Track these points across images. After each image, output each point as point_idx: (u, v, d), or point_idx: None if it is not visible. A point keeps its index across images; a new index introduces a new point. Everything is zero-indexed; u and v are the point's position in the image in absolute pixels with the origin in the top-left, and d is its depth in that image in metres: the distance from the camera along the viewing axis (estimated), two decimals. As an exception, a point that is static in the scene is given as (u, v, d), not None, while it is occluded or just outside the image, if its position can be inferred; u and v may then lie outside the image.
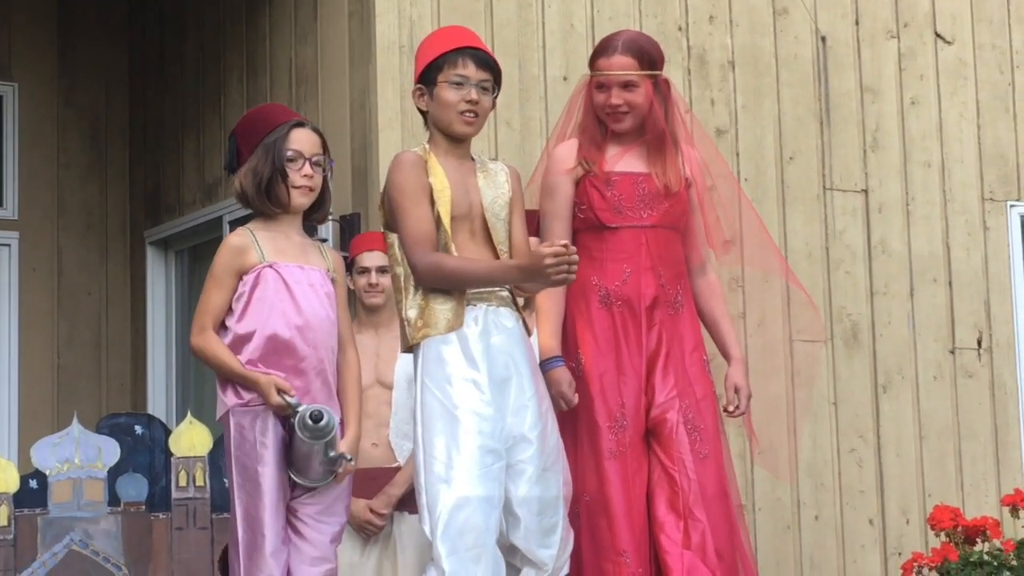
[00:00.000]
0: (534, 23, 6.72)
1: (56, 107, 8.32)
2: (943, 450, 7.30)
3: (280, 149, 4.62)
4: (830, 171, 7.24)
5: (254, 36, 7.33)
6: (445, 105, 4.57)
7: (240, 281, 4.60)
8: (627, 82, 4.93)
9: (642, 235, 4.91)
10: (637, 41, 5.02)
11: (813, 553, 6.98)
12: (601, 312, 4.89)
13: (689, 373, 4.91)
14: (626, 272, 4.88)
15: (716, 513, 4.82)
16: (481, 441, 4.43)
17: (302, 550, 4.57)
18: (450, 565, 4.35)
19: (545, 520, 4.54)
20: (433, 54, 4.64)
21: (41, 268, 8.21)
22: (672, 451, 4.83)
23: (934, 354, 7.35)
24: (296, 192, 4.64)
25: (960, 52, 7.60)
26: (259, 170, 4.62)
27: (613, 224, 4.91)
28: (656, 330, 4.89)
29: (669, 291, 4.93)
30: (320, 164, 4.68)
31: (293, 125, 4.67)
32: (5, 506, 5.71)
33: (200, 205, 7.72)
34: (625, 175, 4.93)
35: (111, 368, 8.26)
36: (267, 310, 4.57)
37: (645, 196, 4.92)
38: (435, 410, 4.47)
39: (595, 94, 4.98)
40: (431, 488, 4.42)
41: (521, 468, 4.51)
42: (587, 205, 4.92)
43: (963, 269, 7.45)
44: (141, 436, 5.94)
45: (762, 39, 7.17)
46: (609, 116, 4.95)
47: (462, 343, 4.50)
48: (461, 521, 4.37)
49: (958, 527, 5.92)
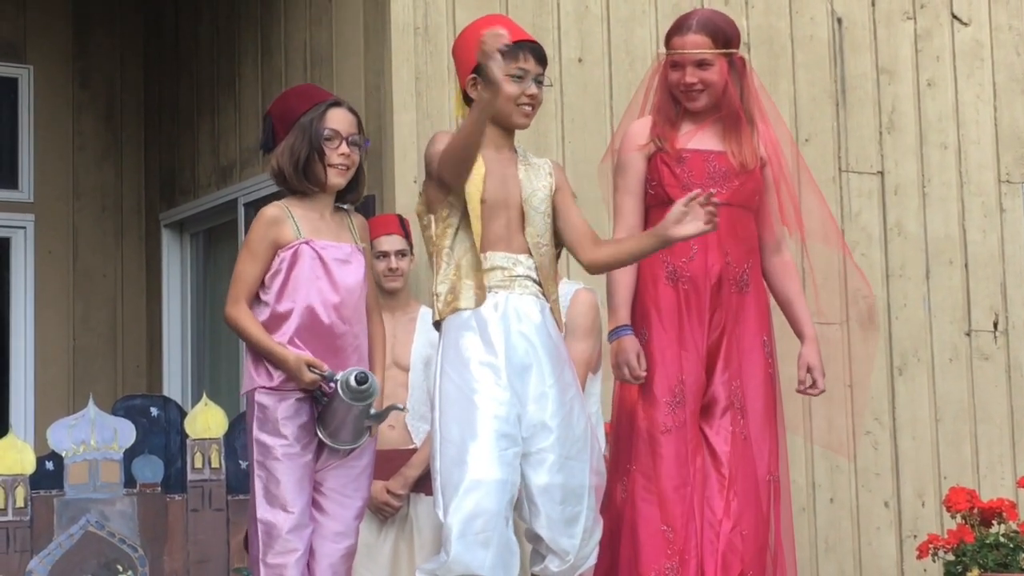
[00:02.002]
0: (549, 4, 6.71)
1: (71, 89, 8.33)
2: (959, 432, 7.29)
3: (317, 128, 4.64)
4: (846, 153, 7.23)
5: (269, 18, 7.32)
6: (507, 97, 4.57)
7: (276, 257, 4.61)
8: (701, 60, 4.93)
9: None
10: (712, 19, 5.04)
11: (828, 535, 6.98)
12: (667, 289, 4.90)
13: (747, 354, 4.92)
14: (693, 249, 4.88)
15: (748, 494, 4.82)
16: (496, 426, 4.43)
17: (325, 525, 4.59)
18: (457, 547, 4.35)
19: (568, 509, 4.53)
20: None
21: (57, 250, 8.22)
22: (713, 431, 4.85)
23: (950, 336, 7.33)
24: (333, 171, 4.66)
25: (976, 33, 7.58)
26: (296, 149, 4.64)
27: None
28: (722, 309, 4.90)
29: (736, 269, 4.93)
30: (356, 143, 4.70)
31: (330, 104, 4.69)
32: (22, 487, 5.73)
33: (215, 187, 7.72)
34: (696, 152, 4.93)
35: (127, 350, 8.28)
36: (304, 288, 4.59)
37: (715, 174, 4.93)
38: (451, 394, 4.49)
39: (670, 73, 4.99)
40: (445, 471, 4.43)
41: (542, 456, 4.51)
42: (657, 181, 4.94)
43: (979, 251, 7.43)
44: (157, 418, 5.95)
45: (778, 20, 7.15)
46: (684, 94, 4.96)
47: (481, 329, 4.52)
48: (472, 504, 4.38)
49: (974, 509, 5.92)
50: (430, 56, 6.39)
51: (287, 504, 4.51)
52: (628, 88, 6.41)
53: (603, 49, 6.79)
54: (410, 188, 6.15)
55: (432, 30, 6.40)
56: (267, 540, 4.51)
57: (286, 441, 4.54)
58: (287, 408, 4.56)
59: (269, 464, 4.54)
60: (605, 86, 6.75)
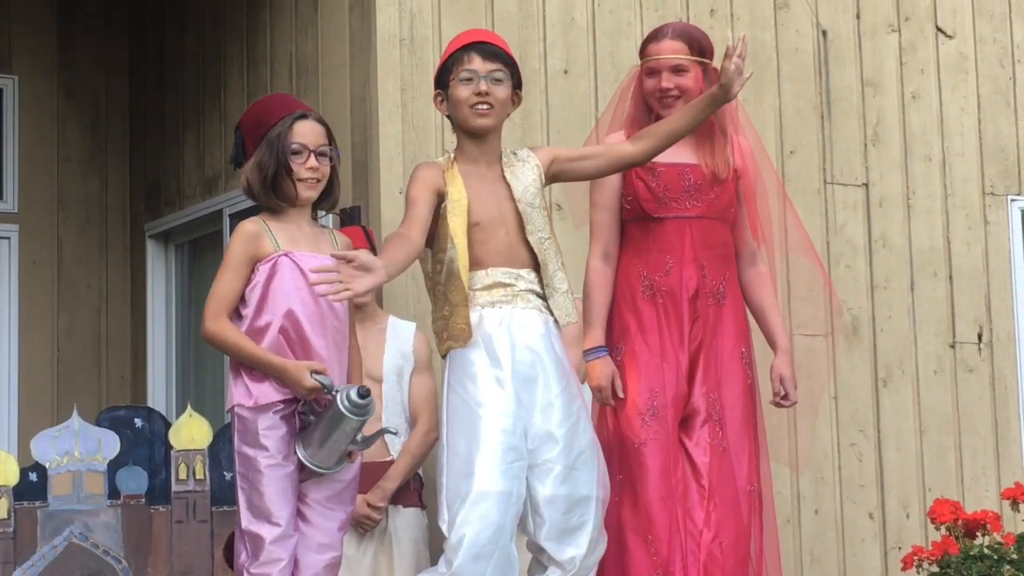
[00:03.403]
0: (535, 16, 6.71)
1: (56, 100, 8.31)
2: (943, 444, 7.30)
3: (284, 143, 4.62)
4: (831, 165, 7.24)
5: (255, 28, 7.32)
6: (458, 102, 4.62)
7: (255, 270, 4.59)
8: (677, 66, 4.96)
9: (686, 226, 4.93)
10: (687, 29, 5.13)
11: (813, 547, 6.98)
12: (645, 303, 4.91)
13: (725, 365, 4.92)
14: (669, 263, 4.90)
15: (728, 505, 4.83)
16: (502, 438, 4.46)
17: (309, 536, 4.59)
18: (461, 559, 4.37)
19: (573, 519, 4.54)
20: (443, 58, 4.71)
21: (41, 261, 8.20)
22: (692, 442, 4.85)
23: (934, 348, 7.34)
24: (302, 185, 4.65)
25: (961, 46, 7.60)
26: (264, 165, 4.63)
27: (657, 215, 4.93)
28: (700, 322, 4.90)
29: (712, 282, 4.93)
30: (326, 154, 4.69)
31: (296, 117, 4.67)
32: (5, 499, 5.71)
33: (200, 198, 7.71)
34: (671, 166, 4.94)
35: (111, 361, 8.26)
36: (283, 300, 4.57)
37: (691, 187, 4.94)
38: (458, 408, 4.52)
39: (645, 81, 5.01)
40: (452, 484, 4.45)
41: (548, 467, 4.53)
42: (632, 196, 4.94)
43: (964, 263, 7.45)
44: (141, 429, 5.93)
45: (763, 33, 7.17)
46: (659, 101, 4.98)
47: (486, 343, 4.55)
48: (478, 517, 4.39)
49: (958, 521, 5.92)
50: (416, 67, 6.39)
51: (271, 515, 4.51)
52: (614, 100, 6.42)
53: (589, 61, 6.80)
54: (396, 199, 6.14)
55: (418, 41, 6.40)
56: (252, 551, 4.51)
57: (267, 452, 4.53)
58: (267, 420, 4.55)
59: (252, 476, 4.54)
60: (591, 98, 6.76)
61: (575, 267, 6.19)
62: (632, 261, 4.90)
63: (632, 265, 4.90)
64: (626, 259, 4.87)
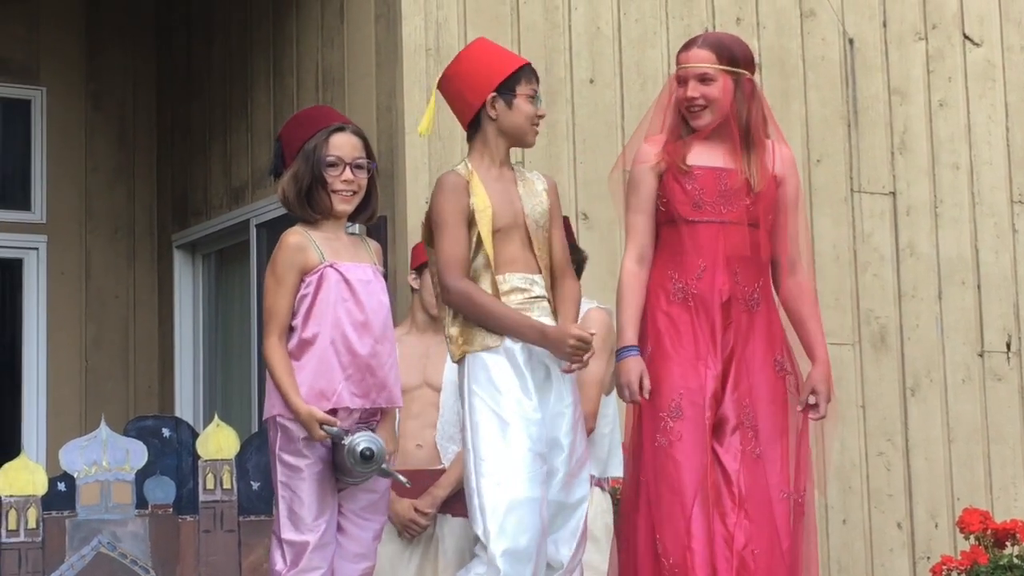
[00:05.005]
0: (561, 26, 6.71)
1: (84, 111, 8.35)
2: (972, 453, 7.27)
3: (319, 156, 4.65)
4: (858, 174, 7.22)
5: (281, 39, 7.34)
6: (523, 114, 4.74)
7: (302, 282, 4.62)
8: (703, 75, 4.93)
9: (720, 231, 4.90)
10: (720, 38, 5.06)
11: (841, 556, 6.96)
12: (677, 307, 4.90)
13: (757, 373, 4.91)
14: (701, 267, 4.88)
15: (760, 513, 4.81)
16: (530, 445, 4.57)
17: (344, 546, 4.65)
18: (504, 565, 4.48)
19: (567, 521, 4.70)
20: (511, 67, 4.76)
21: (69, 271, 8.23)
22: (723, 448, 4.85)
23: (963, 357, 7.32)
24: (337, 197, 4.68)
25: (988, 54, 7.57)
26: (300, 177, 4.67)
27: (692, 218, 4.91)
28: (732, 328, 4.89)
29: (745, 288, 4.91)
30: (363, 167, 4.71)
31: (333, 130, 4.70)
32: (34, 508, 5.73)
33: (227, 208, 7.73)
34: (708, 169, 4.92)
35: (139, 371, 8.28)
36: (332, 311, 4.61)
37: (726, 191, 4.91)
38: (485, 416, 4.59)
39: (676, 90, 5.00)
40: (484, 491, 4.54)
41: (553, 472, 4.66)
42: (667, 199, 4.93)
43: (992, 272, 7.42)
44: (169, 439, 5.95)
45: (789, 41, 7.16)
46: (687, 111, 4.96)
47: (507, 352, 4.62)
48: (515, 523, 4.51)
49: (987, 530, 5.91)
50: (442, 77, 6.39)
51: (311, 524, 4.57)
52: (639, 109, 6.41)
53: (615, 70, 6.80)
54: (422, 209, 6.15)
55: (444, 51, 6.41)
56: (292, 559, 4.57)
57: (310, 460, 4.59)
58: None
59: (294, 484, 4.58)
60: (617, 107, 6.76)
61: (601, 275, 6.20)
62: (665, 264, 4.89)
63: (665, 268, 4.90)
64: (660, 262, 4.86)
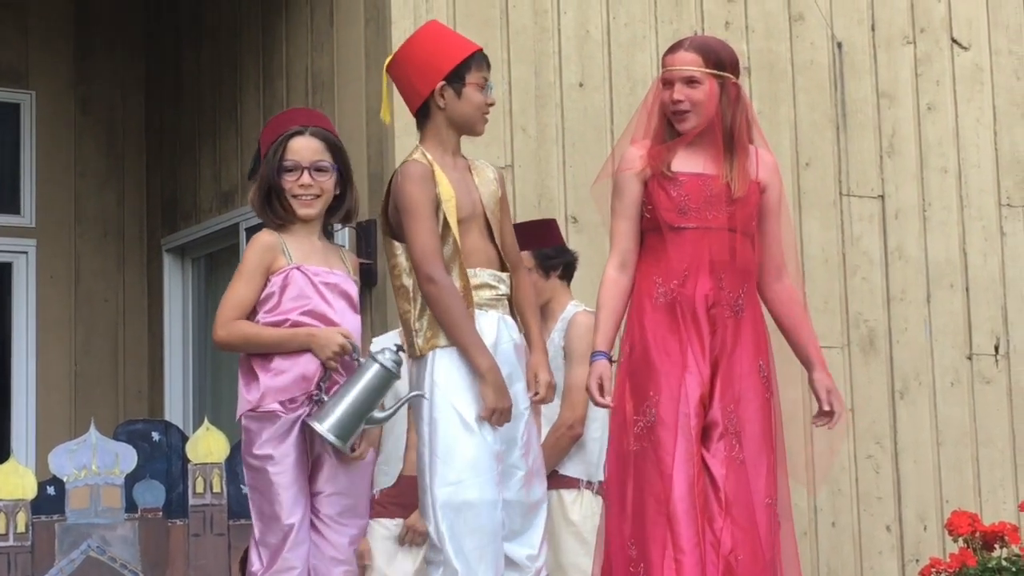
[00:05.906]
0: (550, 30, 6.72)
1: (73, 115, 8.34)
2: (960, 456, 7.28)
3: (276, 161, 4.64)
4: (846, 177, 7.24)
5: (270, 43, 7.34)
6: (472, 104, 4.64)
7: (268, 281, 4.62)
8: (689, 78, 4.91)
9: (704, 236, 4.90)
10: (705, 41, 5.05)
11: (830, 559, 6.97)
12: (662, 312, 4.89)
13: (743, 379, 4.90)
14: (685, 273, 4.88)
15: (745, 518, 4.81)
16: (488, 446, 4.50)
17: (322, 549, 4.65)
18: (460, 565, 4.42)
19: (529, 521, 4.64)
20: (461, 54, 4.68)
21: (58, 275, 8.23)
22: (710, 454, 4.85)
23: (951, 360, 7.33)
24: (296, 202, 4.66)
25: (976, 57, 7.59)
26: (262, 183, 4.67)
27: (677, 225, 4.90)
28: (718, 333, 4.89)
29: (730, 294, 4.90)
30: (324, 170, 4.68)
31: (291, 134, 4.68)
32: (23, 513, 5.72)
33: (216, 212, 7.73)
34: (693, 176, 4.92)
35: (128, 375, 8.28)
36: (298, 306, 4.62)
37: (711, 197, 4.91)
38: (446, 413, 4.51)
39: (662, 93, 4.99)
40: (438, 490, 4.47)
41: (511, 471, 4.60)
42: (653, 206, 4.92)
43: (980, 275, 7.44)
44: (158, 443, 5.95)
45: (778, 45, 7.17)
46: (672, 114, 4.95)
47: None
48: (470, 522, 4.45)
49: (976, 533, 5.92)
50: (431, 81, 6.39)
51: (282, 524, 4.55)
52: (629, 112, 6.41)
53: (604, 74, 6.80)
54: (411, 212, 6.15)
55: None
56: (267, 560, 4.56)
57: (273, 460, 4.57)
58: (271, 429, 4.59)
59: (261, 486, 4.58)
60: (606, 111, 6.77)
61: (590, 278, 6.20)
62: (650, 270, 4.88)
63: (650, 274, 4.89)
64: (644, 267, 4.85)
